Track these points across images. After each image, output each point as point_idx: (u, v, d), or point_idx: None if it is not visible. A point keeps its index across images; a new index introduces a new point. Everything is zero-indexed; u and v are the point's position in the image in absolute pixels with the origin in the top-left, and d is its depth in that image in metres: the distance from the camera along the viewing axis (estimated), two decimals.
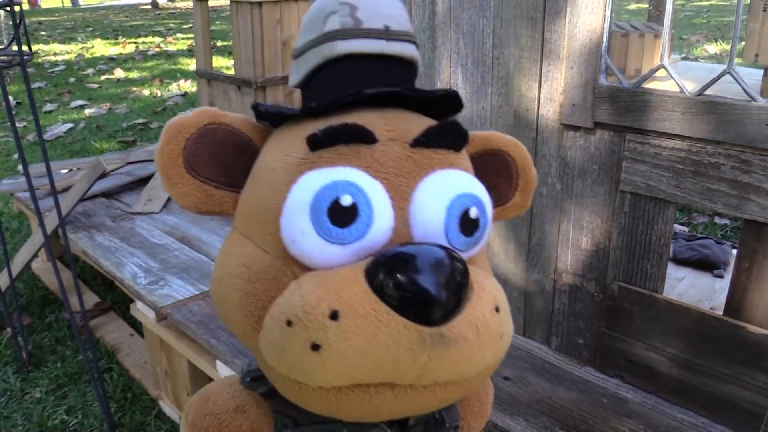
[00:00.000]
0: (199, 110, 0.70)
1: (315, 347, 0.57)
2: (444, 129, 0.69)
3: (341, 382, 0.59)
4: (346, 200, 0.61)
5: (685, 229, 2.69)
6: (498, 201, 0.81)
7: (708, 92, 1.22)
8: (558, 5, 1.36)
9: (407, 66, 0.76)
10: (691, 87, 1.24)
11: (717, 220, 3.05)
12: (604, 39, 1.31)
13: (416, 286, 0.57)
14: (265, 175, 0.68)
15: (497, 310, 0.64)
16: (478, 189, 0.69)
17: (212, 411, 0.75)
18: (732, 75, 1.17)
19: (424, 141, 0.67)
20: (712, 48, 7.01)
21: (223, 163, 0.71)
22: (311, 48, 0.73)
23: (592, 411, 1.39)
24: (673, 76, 1.24)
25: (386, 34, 0.72)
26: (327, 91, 0.71)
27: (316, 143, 0.64)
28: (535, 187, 0.84)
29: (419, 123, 0.70)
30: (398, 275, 0.57)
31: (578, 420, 1.37)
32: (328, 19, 0.72)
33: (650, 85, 1.34)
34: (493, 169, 0.80)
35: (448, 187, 0.66)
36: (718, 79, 1.19)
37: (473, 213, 0.67)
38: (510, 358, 1.58)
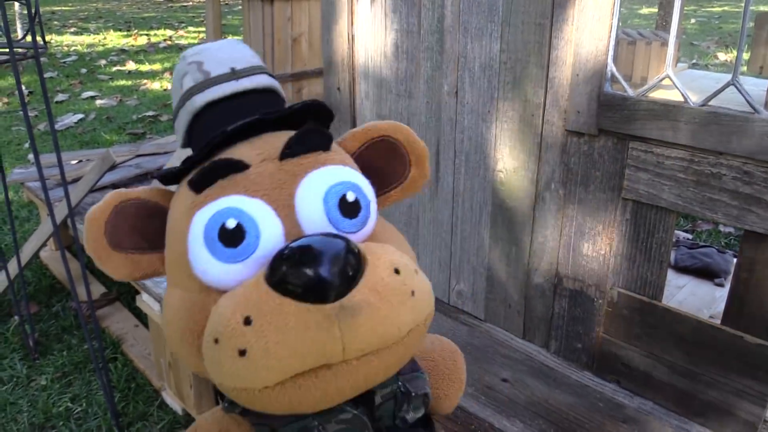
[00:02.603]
0: (108, 195, 0.80)
1: (242, 353, 0.63)
2: (303, 135, 0.76)
3: (277, 377, 0.64)
4: (231, 223, 0.70)
5: (689, 236, 2.70)
6: (397, 180, 0.89)
7: (713, 102, 1.23)
8: (566, 12, 1.37)
9: (267, 94, 0.85)
10: (696, 96, 1.25)
11: (721, 228, 3.06)
12: (611, 47, 1.32)
13: (305, 274, 0.63)
14: (171, 228, 0.78)
15: (397, 271, 0.68)
16: (350, 175, 0.76)
17: None
18: (736, 87, 1.18)
19: (289, 151, 0.75)
20: (723, 55, 6.98)
21: (140, 231, 0.80)
22: (179, 109, 0.85)
23: (589, 415, 1.41)
24: (678, 86, 1.25)
25: (234, 75, 0.83)
26: (204, 141, 0.78)
27: (196, 185, 0.74)
28: (428, 157, 0.89)
29: (285, 138, 0.77)
30: (288, 268, 0.64)
31: (574, 424, 1.39)
32: (183, 81, 0.84)
33: (657, 93, 1.35)
34: (382, 154, 0.87)
35: (320, 182, 0.74)
36: (722, 90, 1.20)
37: (350, 196, 0.74)
38: (509, 360, 1.60)
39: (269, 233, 0.70)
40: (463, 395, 1.46)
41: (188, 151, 0.84)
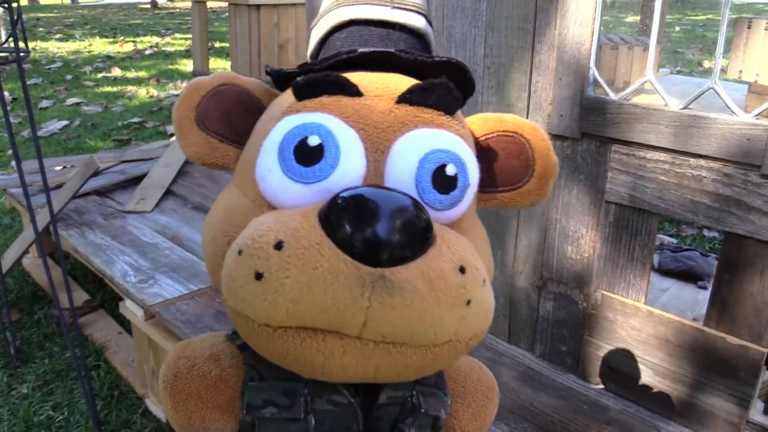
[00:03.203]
0: (217, 73, 0.75)
1: (258, 276, 0.57)
2: (431, 87, 0.68)
3: (282, 318, 0.57)
4: (314, 140, 0.62)
5: (674, 240, 2.72)
6: (510, 184, 0.79)
7: (694, 106, 1.25)
8: (548, 17, 1.38)
9: (414, 36, 0.77)
10: (677, 101, 1.27)
11: (705, 232, 3.08)
12: (593, 51, 1.34)
13: (360, 223, 0.56)
14: (258, 127, 0.72)
15: (462, 271, 0.60)
16: (460, 148, 0.67)
17: (188, 354, 0.76)
18: (715, 90, 1.20)
19: (409, 97, 0.68)
20: (708, 63, 7.08)
21: (231, 119, 0.74)
22: (323, 16, 0.78)
23: (573, 418, 1.41)
24: (659, 89, 1.26)
25: (391, 1, 0.75)
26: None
27: (299, 91, 0.67)
28: (556, 177, 0.79)
29: (411, 83, 0.69)
30: (344, 212, 0.57)
31: (559, 426, 1.39)
32: None
33: (640, 97, 1.36)
34: (507, 151, 0.78)
35: (426, 142, 0.66)
36: (702, 94, 1.22)
37: (450, 170, 0.65)
38: (494, 365, 1.60)
39: (348, 168, 0.63)
40: None
41: None
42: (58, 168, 2.91)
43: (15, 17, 1.69)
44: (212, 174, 2.81)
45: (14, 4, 1.70)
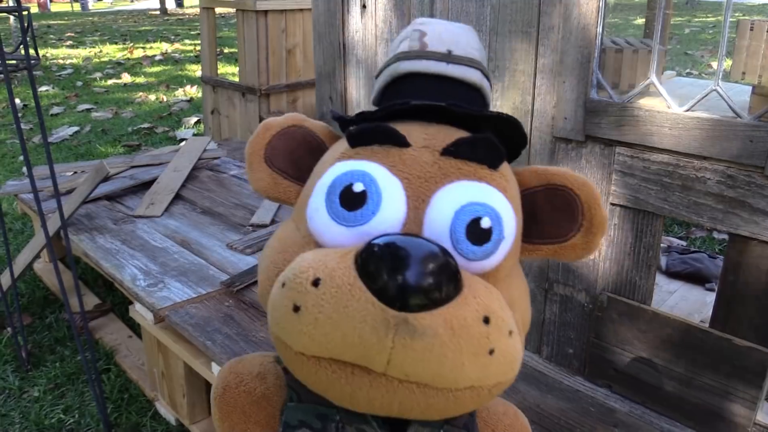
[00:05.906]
0: (288, 115, 0.83)
1: (296, 309, 0.63)
2: (475, 141, 0.72)
3: (315, 349, 0.63)
4: (358, 187, 0.68)
5: (683, 242, 2.71)
6: (556, 237, 0.81)
7: (698, 108, 1.25)
8: (551, 21, 1.39)
9: (470, 90, 0.80)
10: (681, 103, 1.27)
11: (715, 234, 3.07)
12: (596, 54, 1.34)
13: (389, 269, 0.61)
14: (316, 168, 0.78)
15: (486, 321, 0.63)
16: (498, 203, 0.70)
17: (238, 370, 0.84)
18: (718, 92, 1.20)
19: (453, 150, 0.72)
20: (716, 64, 7.04)
21: (295, 158, 0.82)
22: (386, 68, 0.83)
23: (580, 420, 1.41)
24: (662, 92, 1.27)
25: (447, 57, 0.79)
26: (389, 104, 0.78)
27: (352, 138, 0.73)
28: (605, 233, 0.79)
29: (459, 137, 0.73)
30: (377, 257, 0.62)
31: (566, 428, 1.39)
32: (401, 43, 0.83)
33: (644, 100, 1.36)
34: (554, 204, 0.80)
35: (464, 194, 0.69)
36: (705, 96, 1.22)
37: (485, 223, 0.68)
38: None
39: (388, 215, 0.68)
40: None
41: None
42: (69, 173, 2.94)
43: (26, 25, 1.72)
44: (220, 179, 2.83)
45: (24, 13, 1.73)
